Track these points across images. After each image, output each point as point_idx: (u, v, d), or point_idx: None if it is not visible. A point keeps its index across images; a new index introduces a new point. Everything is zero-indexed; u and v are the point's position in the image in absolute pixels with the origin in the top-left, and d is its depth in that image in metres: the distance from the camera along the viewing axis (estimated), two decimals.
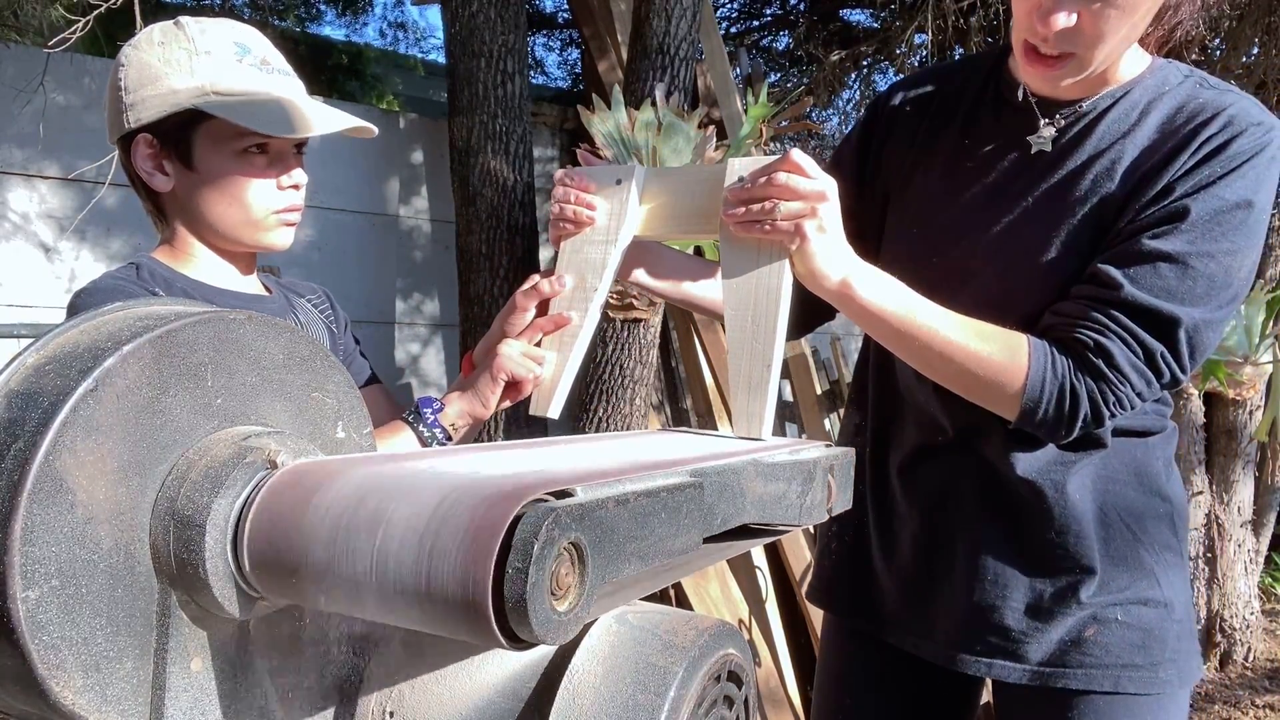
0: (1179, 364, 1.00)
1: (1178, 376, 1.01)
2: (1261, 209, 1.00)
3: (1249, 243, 1.00)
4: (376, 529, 0.41)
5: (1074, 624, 1.10)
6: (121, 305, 0.50)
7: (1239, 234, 0.98)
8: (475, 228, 2.85)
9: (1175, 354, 0.99)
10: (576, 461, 0.53)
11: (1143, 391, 1.00)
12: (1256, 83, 3.43)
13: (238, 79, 1.10)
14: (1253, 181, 0.99)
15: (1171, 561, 1.15)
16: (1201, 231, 0.98)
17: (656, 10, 2.57)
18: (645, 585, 0.53)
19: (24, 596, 0.40)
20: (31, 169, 2.69)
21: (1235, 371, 3.35)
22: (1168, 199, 1.00)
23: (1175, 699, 1.12)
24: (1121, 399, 1.00)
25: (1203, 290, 0.98)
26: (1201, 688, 3.69)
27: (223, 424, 0.48)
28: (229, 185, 1.11)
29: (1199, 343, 1.00)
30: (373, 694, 0.55)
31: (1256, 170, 0.99)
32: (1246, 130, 1.00)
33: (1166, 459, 1.16)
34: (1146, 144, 1.03)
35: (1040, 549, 1.11)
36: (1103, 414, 1.00)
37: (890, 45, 4.14)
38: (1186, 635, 1.13)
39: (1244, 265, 1.00)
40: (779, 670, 2.87)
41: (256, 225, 1.13)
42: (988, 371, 1.00)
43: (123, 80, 1.10)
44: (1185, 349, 0.99)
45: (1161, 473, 1.14)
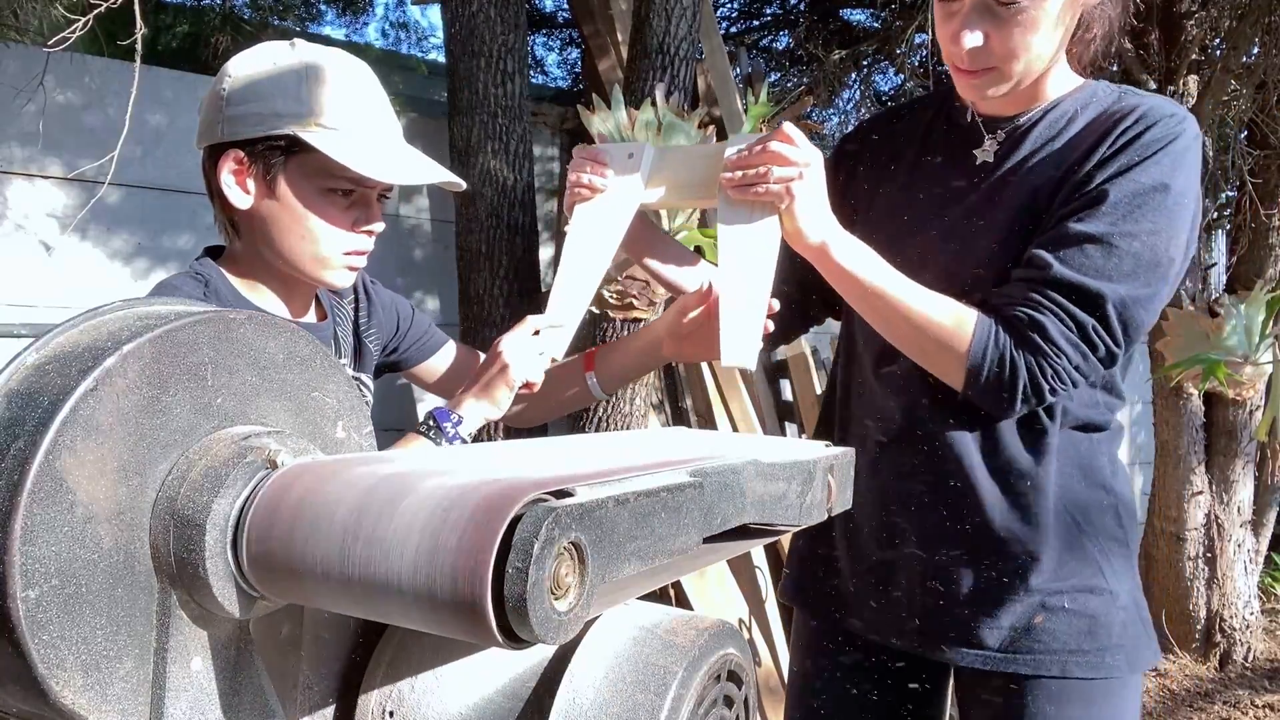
0: (1111, 337, 1.06)
1: (1112, 350, 1.07)
2: (1180, 193, 1.07)
3: (1170, 224, 1.07)
4: (376, 529, 0.41)
5: (1023, 611, 1.16)
6: (121, 304, 0.50)
7: (1158, 215, 1.06)
8: (475, 228, 2.84)
9: (1106, 327, 1.06)
10: (576, 461, 0.53)
11: (1080, 365, 1.07)
12: (1257, 83, 3.42)
13: (342, 115, 1.08)
14: (1168, 167, 1.07)
15: (1117, 553, 1.19)
16: (1122, 213, 1.06)
17: (656, 10, 2.57)
18: (645, 584, 0.53)
19: (24, 596, 0.40)
20: (32, 168, 2.69)
21: (1235, 371, 3.35)
22: (1089, 186, 1.09)
23: (1126, 684, 1.17)
24: (1059, 372, 1.07)
25: (1129, 268, 1.05)
26: (1202, 688, 3.70)
27: (223, 424, 0.48)
28: (307, 219, 1.10)
29: (1130, 317, 1.06)
30: (373, 694, 0.55)
31: (1171, 157, 1.07)
32: (1160, 121, 1.09)
33: (1112, 455, 1.22)
34: (1072, 141, 1.14)
35: (991, 539, 1.17)
36: (1042, 386, 1.07)
37: (890, 45, 4.14)
38: (1134, 622, 1.18)
39: (1169, 245, 1.07)
40: (779, 670, 2.87)
41: (323, 263, 1.12)
42: (939, 335, 1.09)
43: (225, 90, 1.08)
44: (1116, 322, 1.06)
45: (1106, 467, 1.20)
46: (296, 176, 1.09)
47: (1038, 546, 1.15)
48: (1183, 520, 3.83)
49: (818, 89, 4.24)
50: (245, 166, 1.08)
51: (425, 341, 1.41)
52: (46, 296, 2.71)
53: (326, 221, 1.10)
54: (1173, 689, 3.69)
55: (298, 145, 1.07)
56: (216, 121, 1.08)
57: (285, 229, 1.10)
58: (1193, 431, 3.81)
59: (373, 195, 1.14)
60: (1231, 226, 4.00)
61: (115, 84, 2.74)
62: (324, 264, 1.12)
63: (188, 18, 3.87)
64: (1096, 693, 1.15)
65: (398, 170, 1.10)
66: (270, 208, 1.09)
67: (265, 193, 1.09)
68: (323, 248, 1.11)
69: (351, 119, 1.09)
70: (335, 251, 1.12)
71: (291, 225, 1.10)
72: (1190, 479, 3.81)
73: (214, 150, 1.10)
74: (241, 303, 1.11)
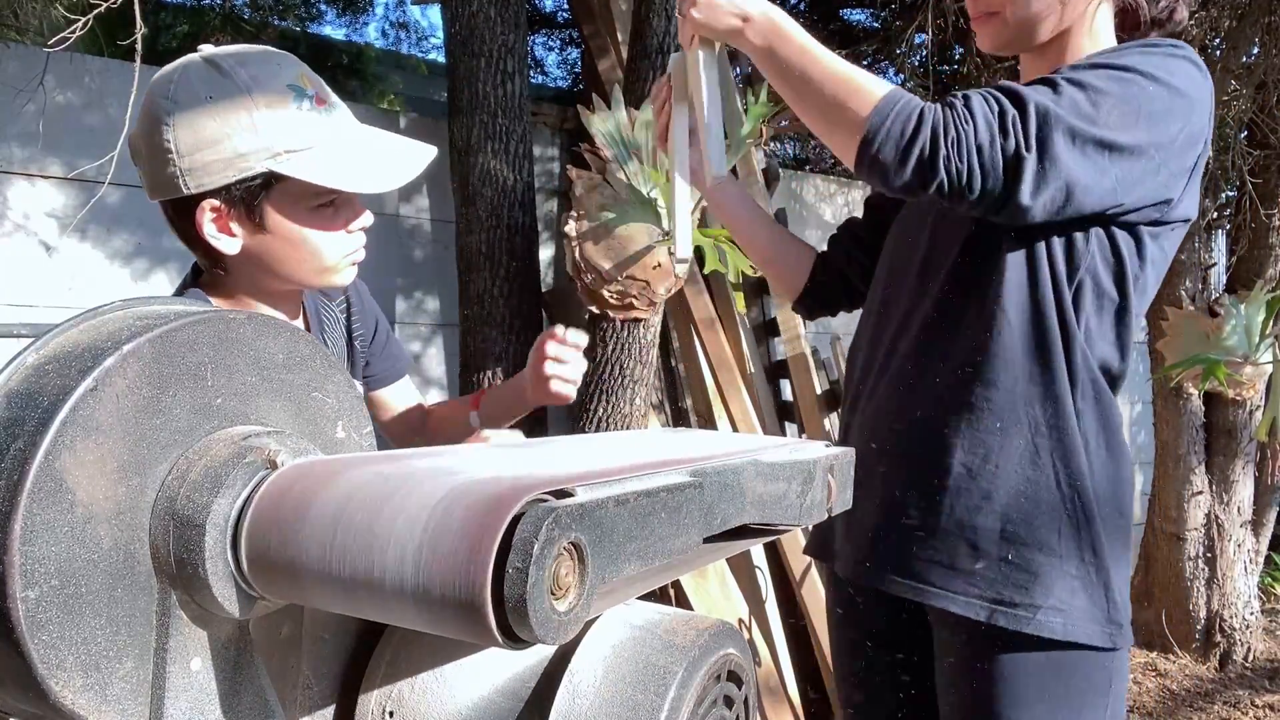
0: (1024, 131, 1.03)
1: (1020, 147, 1.03)
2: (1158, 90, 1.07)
3: (1139, 109, 1.06)
4: (376, 528, 0.41)
5: (965, 551, 1.17)
6: (121, 304, 0.50)
7: (1131, 94, 1.06)
8: (475, 227, 2.84)
9: (1024, 119, 1.03)
10: (576, 461, 0.53)
11: (982, 144, 1.03)
12: (1257, 83, 3.42)
13: (302, 131, 1.03)
14: (1152, 66, 1.08)
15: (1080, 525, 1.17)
16: (1093, 79, 1.07)
17: (656, 10, 2.57)
18: (645, 584, 0.53)
19: (24, 596, 0.40)
20: (32, 168, 2.69)
21: (1235, 371, 3.35)
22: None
23: (1070, 661, 1.15)
24: (961, 138, 1.03)
25: (1068, 104, 1.05)
26: (1202, 688, 3.70)
27: (222, 424, 0.48)
28: (306, 240, 1.08)
29: (1049, 135, 1.03)
30: (373, 694, 0.55)
31: (1158, 60, 1.09)
32: (1160, 44, 1.12)
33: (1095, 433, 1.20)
34: None
35: (947, 478, 1.19)
36: (939, 148, 1.03)
37: (890, 45, 4.14)
38: (1082, 593, 1.15)
39: (1133, 124, 1.06)
40: (779, 670, 2.87)
41: (329, 271, 1.11)
42: (850, 86, 1.08)
43: (171, 143, 1.00)
44: (1034, 123, 1.03)
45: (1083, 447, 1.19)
46: (283, 205, 1.05)
47: (994, 491, 1.16)
48: (1183, 520, 3.83)
49: None
50: (224, 212, 1.04)
51: (394, 365, 1.41)
52: (46, 296, 2.71)
53: (324, 234, 1.09)
54: (1173, 689, 3.69)
55: (273, 178, 1.03)
56: (173, 176, 1.02)
57: (285, 256, 1.08)
58: (1193, 431, 3.81)
59: (354, 195, 1.12)
60: (1231, 226, 4.00)
61: (115, 84, 2.74)
62: (330, 272, 1.12)
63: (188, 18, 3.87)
64: (1027, 651, 1.14)
65: (379, 173, 1.08)
66: (263, 242, 1.06)
67: (254, 230, 1.06)
68: (326, 259, 1.10)
69: (310, 131, 1.04)
70: (338, 257, 1.12)
71: (291, 251, 1.08)
72: (1190, 479, 3.81)
73: (177, 204, 1.05)
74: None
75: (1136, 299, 1.16)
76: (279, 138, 1.01)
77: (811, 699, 2.98)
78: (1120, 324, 1.16)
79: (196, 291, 1.12)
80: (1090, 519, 1.15)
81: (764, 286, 3.26)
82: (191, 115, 1.00)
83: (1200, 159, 1.13)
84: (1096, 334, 1.16)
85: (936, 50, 4.02)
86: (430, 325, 3.43)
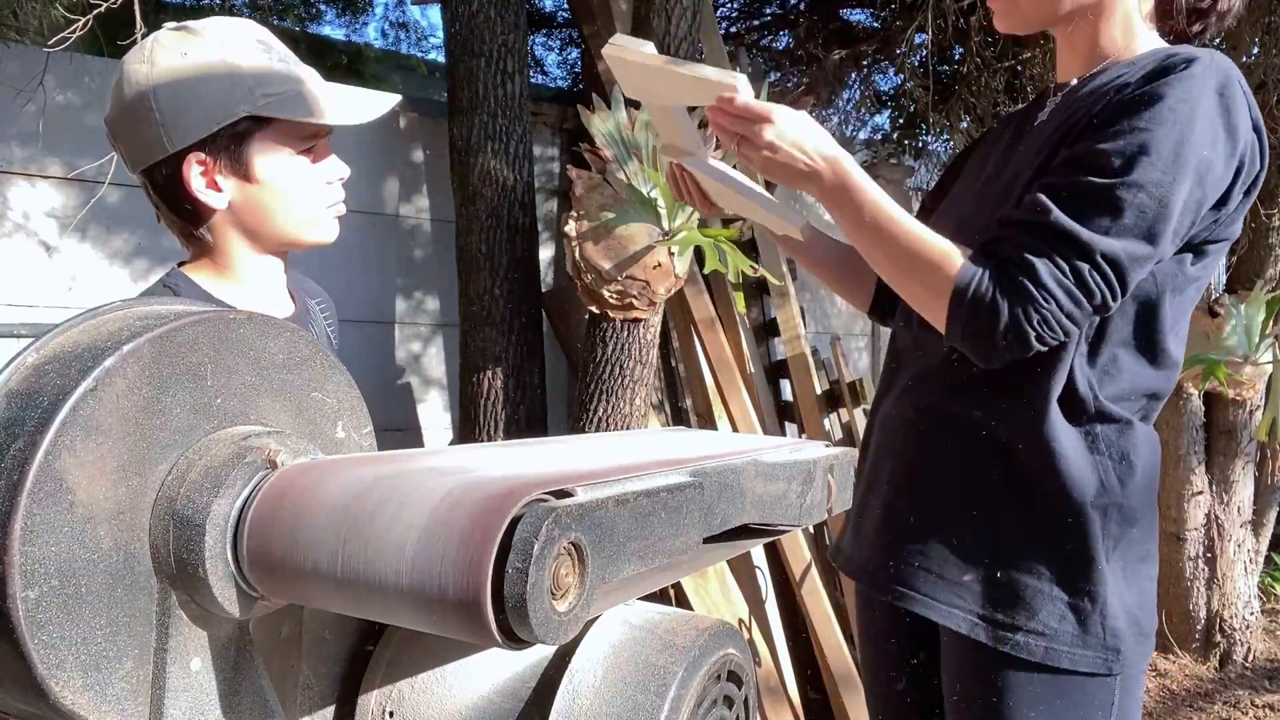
0: (1106, 284, 1.02)
1: (1107, 299, 1.02)
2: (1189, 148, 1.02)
3: (1176, 177, 1.01)
4: (376, 529, 0.41)
5: (954, 563, 1.16)
6: (121, 304, 0.50)
7: (1165, 168, 1.01)
8: (475, 227, 2.84)
9: (1100, 274, 1.02)
10: (576, 461, 0.53)
11: (1071, 312, 1.02)
12: (1257, 83, 3.42)
13: (276, 78, 1.07)
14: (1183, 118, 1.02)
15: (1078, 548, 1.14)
16: (1128, 162, 1.02)
17: (656, 10, 2.57)
18: (645, 584, 0.53)
19: (24, 596, 0.40)
20: (32, 168, 2.69)
21: (1235, 371, 3.35)
22: (1097, 133, 1.05)
23: (1051, 682, 1.12)
24: (1047, 317, 1.02)
25: (1129, 220, 1.01)
26: (1202, 688, 3.70)
27: (222, 424, 0.48)
28: (290, 189, 1.10)
29: (1124, 269, 1.02)
30: (373, 694, 0.55)
31: (1187, 106, 1.02)
32: (1177, 73, 1.03)
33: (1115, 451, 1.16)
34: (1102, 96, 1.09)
35: (944, 494, 1.18)
36: (1026, 331, 1.02)
37: (890, 45, 4.14)
38: (1069, 617, 1.12)
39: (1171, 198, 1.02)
40: (779, 670, 2.87)
41: (313, 222, 1.13)
42: (924, 274, 1.07)
43: (153, 101, 1.03)
44: (1110, 271, 1.01)
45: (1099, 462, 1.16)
46: (267, 153, 1.08)
47: (984, 506, 1.15)
48: (1183, 520, 3.83)
49: (818, 89, 4.24)
50: (210, 165, 1.05)
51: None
52: (46, 296, 2.71)
53: (306, 183, 1.11)
54: (1173, 689, 3.69)
55: (255, 125, 1.05)
56: (157, 137, 1.03)
57: (275, 206, 1.10)
58: (1193, 431, 3.81)
59: (326, 144, 1.15)
60: None
61: None
62: (315, 223, 1.14)
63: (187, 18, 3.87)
64: (1006, 670, 1.13)
65: (357, 110, 1.12)
66: (250, 193, 1.08)
67: (240, 181, 1.07)
68: (310, 209, 1.12)
69: (286, 77, 1.08)
70: (321, 208, 1.14)
71: (280, 200, 1.10)
72: (1190, 479, 3.81)
73: (161, 166, 1.06)
74: (215, 304, 1.09)
75: (1171, 317, 1.12)
76: (257, 84, 1.05)
77: (811, 699, 2.98)
78: (1151, 344, 1.12)
79: (178, 272, 1.13)
80: (1088, 543, 1.12)
81: (764, 286, 3.26)
82: (170, 72, 1.03)
83: (1246, 171, 1.08)
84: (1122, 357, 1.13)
85: (936, 50, 4.02)
86: (430, 325, 3.43)
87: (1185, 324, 1.15)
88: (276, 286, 1.18)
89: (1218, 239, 1.11)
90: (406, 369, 3.39)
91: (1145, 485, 1.14)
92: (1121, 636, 1.12)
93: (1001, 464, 1.15)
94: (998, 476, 1.15)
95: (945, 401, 1.18)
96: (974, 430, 1.16)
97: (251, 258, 1.13)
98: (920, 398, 1.22)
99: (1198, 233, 1.08)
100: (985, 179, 1.23)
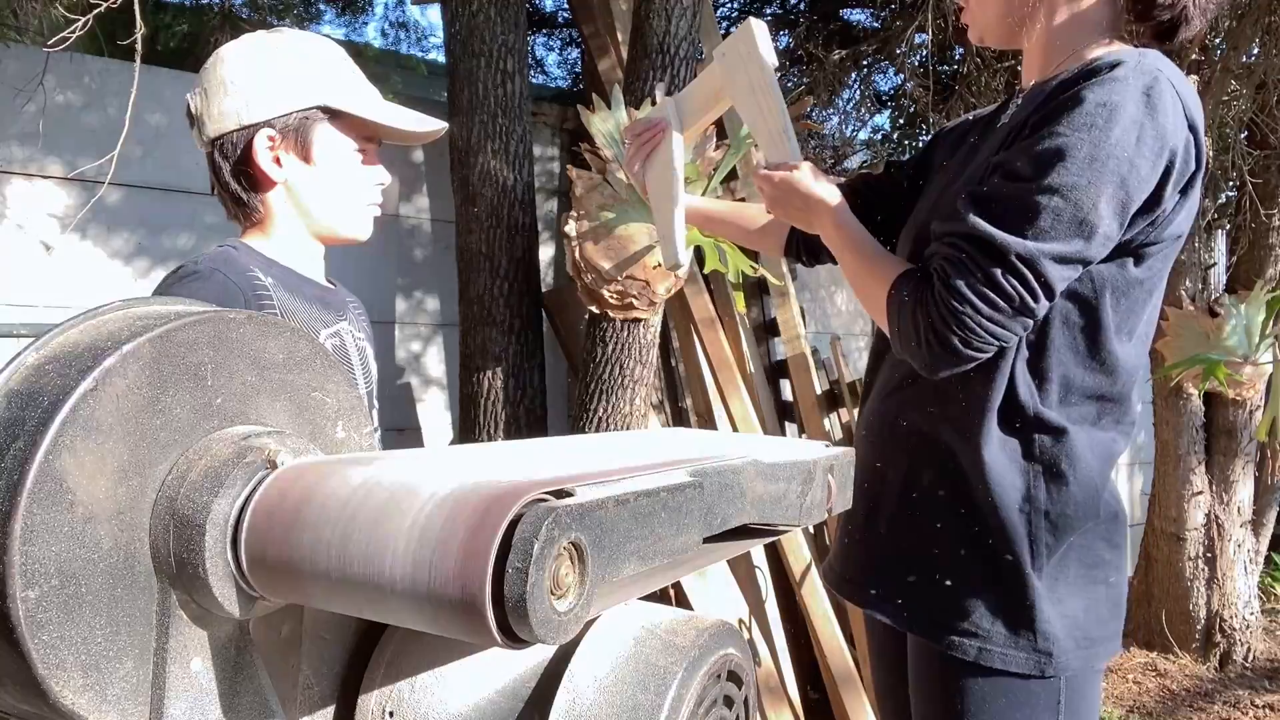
0: (1024, 287, 1.04)
1: (1026, 302, 1.04)
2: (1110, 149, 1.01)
3: (1096, 181, 1.01)
4: (376, 528, 0.41)
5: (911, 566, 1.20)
6: (121, 304, 0.50)
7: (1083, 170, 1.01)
8: (475, 227, 2.84)
9: (1018, 277, 1.04)
10: (576, 461, 0.53)
11: (991, 315, 1.04)
12: (1257, 83, 3.42)
13: (350, 81, 1.21)
14: (1100, 121, 1.02)
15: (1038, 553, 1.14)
16: (1044, 165, 1.03)
17: (656, 10, 2.57)
18: (645, 584, 0.53)
19: (24, 596, 0.40)
20: (32, 168, 2.69)
21: (1235, 371, 3.35)
22: (1020, 137, 1.08)
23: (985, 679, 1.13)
24: (966, 323, 1.04)
25: (1046, 224, 1.03)
26: (1202, 688, 3.70)
27: (222, 424, 0.48)
28: (343, 179, 1.22)
29: (1042, 271, 1.04)
30: (373, 694, 0.55)
31: (1108, 110, 1.01)
32: (1101, 76, 1.03)
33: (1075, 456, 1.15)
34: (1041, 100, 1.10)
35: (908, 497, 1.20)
36: (948, 338, 1.05)
37: (890, 45, 4.14)
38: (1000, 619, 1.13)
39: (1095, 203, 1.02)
40: (779, 670, 2.87)
41: (356, 215, 1.26)
42: (872, 293, 1.16)
43: (229, 76, 1.15)
44: (1029, 273, 1.03)
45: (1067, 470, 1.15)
46: (329, 142, 1.20)
47: (926, 511, 1.18)
48: (1183, 520, 3.83)
49: (818, 89, 4.24)
50: (277, 142, 1.17)
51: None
52: (46, 296, 2.71)
53: (356, 177, 1.23)
54: (1173, 689, 3.69)
55: (329, 114, 1.18)
56: (233, 108, 1.15)
57: (323, 192, 1.21)
58: (1193, 431, 3.81)
59: (376, 152, 1.27)
60: (1231, 226, 4.00)
61: (115, 84, 2.74)
62: (355, 218, 1.25)
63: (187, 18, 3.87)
64: (951, 671, 1.15)
65: (416, 121, 1.24)
66: (305, 174, 1.19)
67: (301, 162, 1.19)
68: (353, 201, 1.24)
69: (356, 85, 1.22)
70: (364, 204, 1.25)
71: (330, 188, 1.21)
72: (1190, 479, 3.81)
73: (233, 135, 1.16)
74: (274, 266, 1.18)
75: (1115, 320, 1.10)
76: (333, 80, 1.19)
77: (812, 699, 2.98)
78: (1094, 348, 1.11)
79: (235, 239, 1.21)
80: (1015, 549, 1.12)
81: (764, 286, 3.26)
82: (254, 54, 1.17)
83: (1179, 172, 1.05)
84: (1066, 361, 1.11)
85: (936, 50, 4.02)
86: (430, 325, 3.43)
87: (1142, 327, 1.14)
88: (319, 268, 1.28)
89: (1156, 240, 1.09)
90: (406, 369, 3.39)
91: (1083, 494, 1.12)
92: (1055, 640, 1.12)
93: (939, 470, 1.17)
94: (936, 482, 1.17)
95: (898, 409, 1.22)
96: (918, 436, 1.19)
97: (295, 234, 1.23)
98: (881, 405, 1.26)
99: (1134, 236, 1.07)
100: (945, 185, 1.24)
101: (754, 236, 1.60)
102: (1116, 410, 1.14)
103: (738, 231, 1.61)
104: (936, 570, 1.17)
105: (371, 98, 1.23)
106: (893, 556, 1.22)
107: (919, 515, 1.19)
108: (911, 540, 1.19)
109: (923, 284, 1.08)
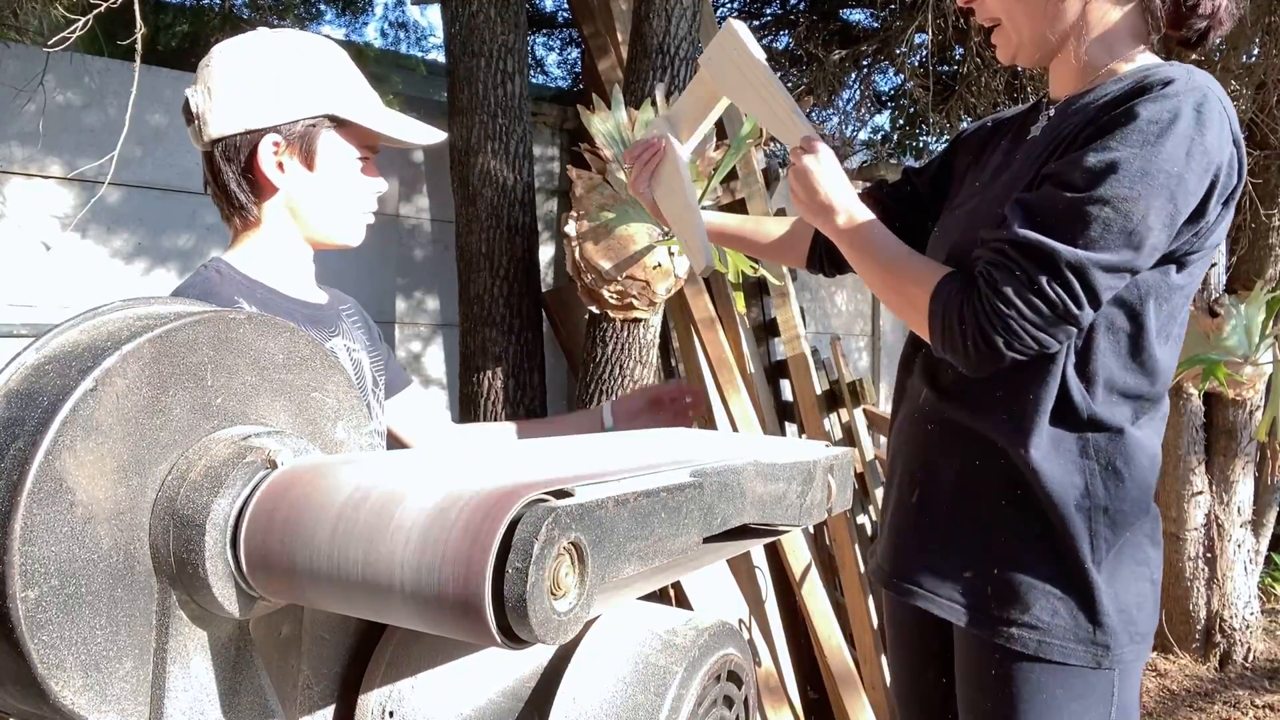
0: (1070, 295, 1.06)
1: (1070, 309, 1.06)
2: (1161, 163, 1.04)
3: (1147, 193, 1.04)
4: (376, 528, 0.41)
5: (951, 558, 1.22)
6: (121, 304, 0.50)
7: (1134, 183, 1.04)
8: (475, 227, 2.84)
9: (1064, 285, 1.06)
10: (576, 461, 0.53)
11: (1035, 321, 1.07)
12: (1257, 83, 3.42)
13: (356, 91, 1.21)
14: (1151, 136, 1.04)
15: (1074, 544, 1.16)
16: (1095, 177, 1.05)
17: (656, 10, 2.57)
18: (645, 584, 0.53)
19: (24, 596, 0.40)
20: (32, 168, 2.69)
21: (1235, 371, 3.35)
22: (1072, 148, 1.10)
23: (1044, 672, 1.16)
24: (1011, 326, 1.07)
25: (1096, 233, 1.05)
26: (1202, 688, 3.70)
27: (222, 424, 0.48)
28: (343, 187, 1.22)
29: (1090, 280, 1.06)
30: (373, 694, 0.55)
31: (1158, 127, 1.04)
32: (1153, 93, 1.06)
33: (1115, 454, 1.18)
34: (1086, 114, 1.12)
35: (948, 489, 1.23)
36: (994, 340, 1.08)
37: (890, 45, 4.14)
38: (1062, 611, 1.15)
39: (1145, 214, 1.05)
40: (779, 670, 2.87)
41: (352, 223, 1.25)
42: (907, 292, 1.17)
43: (235, 76, 1.14)
44: (1076, 282, 1.06)
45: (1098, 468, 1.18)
46: (331, 148, 1.20)
47: (981, 504, 1.19)
48: (1183, 520, 3.83)
49: (818, 89, 4.24)
50: (282, 147, 1.16)
51: (399, 374, 1.45)
52: (46, 296, 2.71)
53: (355, 185, 1.23)
54: (1173, 689, 3.69)
55: (333, 123, 1.18)
56: (239, 111, 1.14)
57: (323, 199, 1.21)
58: (1193, 431, 3.81)
59: (374, 161, 1.27)
60: (1231, 226, 4.00)
61: (115, 84, 2.74)
62: (349, 225, 1.25)
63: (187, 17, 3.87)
64: (1006, 662, 1.17)
65: (417, 131, 1.25)
66: (306, 180, 1.19)
67: (304, 169, 1.18)
68: (350, 208, 1.24)
69: (362, 95, 1.22)
70: (358, 211, 1.25)
71: (329, 195, 1.21)
72: (1190, 479, 3.81)
73: (236, 139, 1.15)
74: (258, 288, 1.18)
75: (1157, 324, 1.14)
76: (339, 88, 1.19)
77: (811, 699, 2.98)
78: (1136, 351, 1.15)
79: (219, 259, 1.20)
80: (1075, 544, 1.15)
81: (764, 286, 3.26)
82: (260, 56, 1.16)
83: (1222, 185, 1.08)
84: (1110, 364, 1.15)
85: (936, 50, 4.02)
86: (430, 325, 3.43)
87: (1177, 330, 1.19)
88: (308, 276, 1.27)
89: (1198, 250, 1.13)
90: (407, 368, 3.39)
91: (1138, 492, 1.17)
92: (1113, 633, 1.16)
93: (994, 467, 1.19)
94: (992, 481, 1.19)
95: (944, 408, 1.24)
96: (970, 435, 1.20)
97: (288, 240, 1.23)
98: (925, 404, 1.27)
99: (1178, 246, 1.11)
100: (980, 191, 1.27)
101: (772, 250, 1.59)
102: (1153, 410, 1.19)
103: (754, 247, 1.60)
104: (995, 565, 1.18)
105: (375, 105, 1.23)
106: (948, 553, 1.23)
107: (975, 513, 1.20)
108: (967, 537, 1.21)
109: (968, 286, 1.11)
